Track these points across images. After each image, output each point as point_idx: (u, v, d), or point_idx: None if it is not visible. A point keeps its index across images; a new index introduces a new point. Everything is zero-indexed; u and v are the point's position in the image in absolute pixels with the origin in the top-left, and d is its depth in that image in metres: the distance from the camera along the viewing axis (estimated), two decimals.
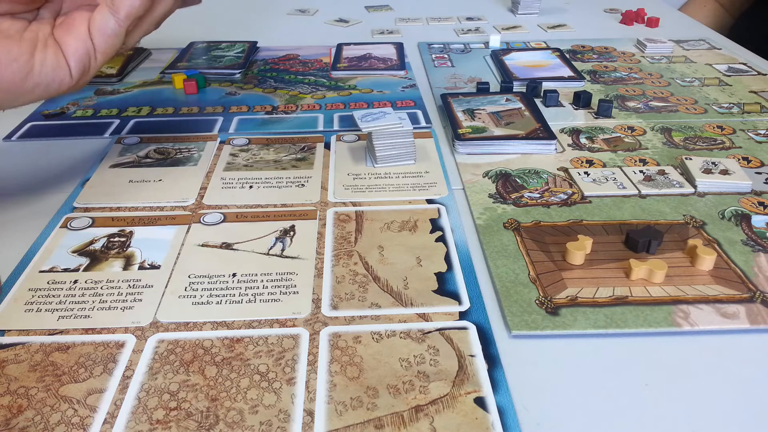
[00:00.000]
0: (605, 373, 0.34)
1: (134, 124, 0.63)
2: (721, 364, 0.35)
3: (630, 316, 0.38)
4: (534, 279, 0.41)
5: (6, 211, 0.49)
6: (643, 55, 0.82)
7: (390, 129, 0.53)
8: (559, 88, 0.69)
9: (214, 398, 0.33)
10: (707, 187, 0.51)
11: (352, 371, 0.34)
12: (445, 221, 0.47)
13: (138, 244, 0.45)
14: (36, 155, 0.58)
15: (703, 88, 0.71)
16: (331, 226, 0.46)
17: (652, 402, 0.33)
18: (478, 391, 0.33)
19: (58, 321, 0.38)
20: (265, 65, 0.80)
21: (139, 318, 0.38)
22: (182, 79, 0.71)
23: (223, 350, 0.36)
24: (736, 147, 0.58)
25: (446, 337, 0.36)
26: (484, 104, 0.64)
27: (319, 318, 0.38)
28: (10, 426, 0.31)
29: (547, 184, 0.52)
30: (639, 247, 0.43)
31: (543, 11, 1.02)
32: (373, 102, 0.68)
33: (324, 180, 0.53)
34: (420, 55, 0.83)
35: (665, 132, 0.61)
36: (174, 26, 0.61)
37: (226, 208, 0.49)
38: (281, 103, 0.68)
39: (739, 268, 0.42)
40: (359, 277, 0.41)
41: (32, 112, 0.66)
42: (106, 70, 0.76)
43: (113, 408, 0.32)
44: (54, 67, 0.42)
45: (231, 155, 0.57)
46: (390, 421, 0.31)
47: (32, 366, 0.35)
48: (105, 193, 0.51)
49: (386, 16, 1.03)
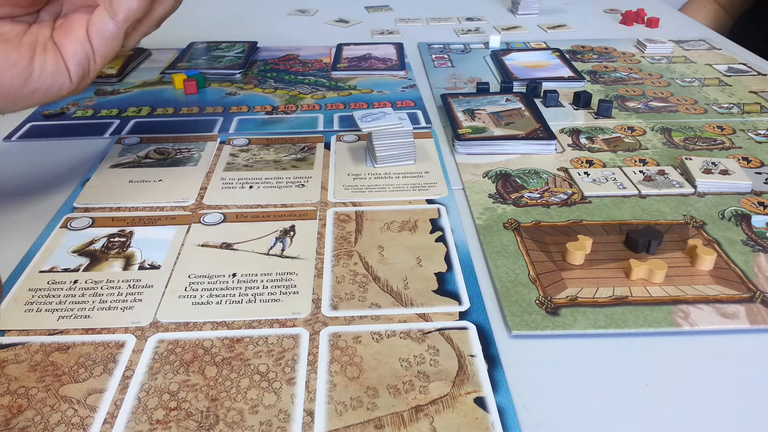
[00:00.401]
0: (605, 373, 0.34)
1: (134, 124, 0.63)
2: (721, 364, 0.35)
3: (630, 316, 0.38)
4: (534, 279, 0.41)
5: (6, 211, 0.49)
6: (643, 56, 0.82)
7: (390, 129, 0.53)
8: (559, 89, 0.69)
9: (214, 398, 0.33)
10: (707, 187, 0.51)
11: (352, 371, 0.34)
12: (445, 221, 0.47)
13: (138, 244, 0.45)
14: (36, 155, 0.58)
15: (703, 88, 0.71)
16: (331, 226, 0.46)
17: (652, 402, 0.33)
18: (478, 391, 0.33)
19: (58, 321, 0.38)
20: (265, 65, 0.80)
21: (139, 318, 0.38)
22: (182, 79, 0.71)
23: (223, 350, 0.36)
24: (736, 147, 0.58)
25: (446, 337, 0.36)
26: (484, 104, 0.64)
27: (319, 318, 0.38)
28: (10, 426, 0.31)
29: (547, 184, 0.52)
30: (639, 247, 0.43)
31: (543, 11, 1.02)
32: (373, 102, 0.68)
33: (324, 180, 0.53)
34: (420, 56, 0.83)
35: (665, 132, 0.61)
36: (174, 26, 0.61)
37: (226, 208, 0.49)
38: (281, 103, 0.68)
39: (739, 268, 0.42)
40: (359, 277, 0.41)
41: (32, 113, 0.66)
42: (106, 70, 0.76)
43: (113, 408, 0.32)
44: (54, 71, 0.42)
45: (231, 155, 0.57)
46: (390, 421, 0.31)
47: (32, 366, 0.35)
48: (105, 193, 0.51)
49: (386, 17, 1.03)
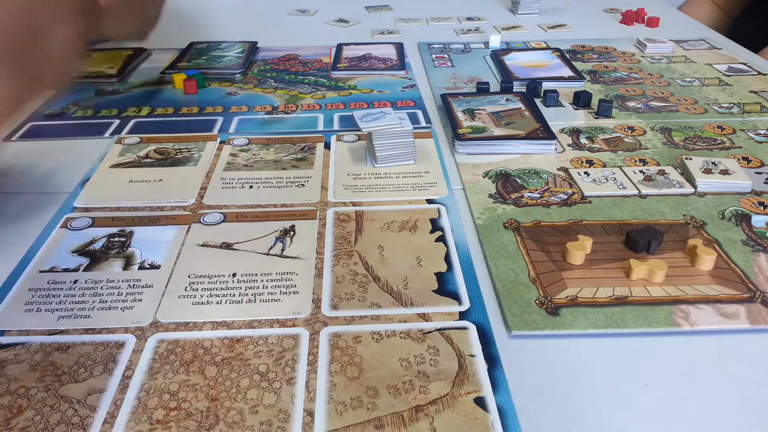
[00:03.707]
0: (605, 373, 0.34)
1: (134, 124, 0.63)
2: (721, 364, 0.35)
3: (630, 316, 0.38)
4: (534, 279, 0.41)
5: (6, 211, 0.49)
6: (643, 55, 0.82)
7: (390, 129, 0.53)
8: (559, 88, 0.69)
9: (214, 398, 0.33)
10: (707, 187, 0.51)
11: (352, 371, 0.34)
12: (445, 221, 0.47)
13: (138, 244, 0.45)
14: (36, 155, 0.58)
15: (703, 88, 0.71)
16: (331, 226, 0.46)
17: (652, 402, 0.33)
18: (478, 391, 0.33)
19: (58, 321, 0.38)
20: (265, 65, 0.80)
21: (139, 318, 0.38)
22: (182, 79, 0.71)
23: (223, 350, 0.36)
24: (736, 147, 0.58)
25: (446, 337, 0.36)
26: (484, 104, 0.64)
27: (319, 318, 0.38)
28: (10, 426, 0.31)
29: (547, 184, 0.52)
30: (639, 247, 0.43)
31: (543, 11, 1.02)
32: (373, 102, 0.68)
33: (324, 180, 0.53)
34: (420, 55, 0.83)
35: (665, 132, 0.61)
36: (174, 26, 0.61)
37: (226, 208, 0.49)
38: (281, 103, 0.68)
39: (739, 268, 0.42)
40: (359, 277, 0.41)
41: (32, 113, 0.66)
42: (106, 70, 0.76)
43: (113, 408, 0.32)
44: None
45: (231, 155, 0.57)
46: (390, 421, 0.31)
47: (32, 366, 0.35)
48: (105, 193, 0.51)
49: (386, 17, 1.03)
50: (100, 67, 0.77)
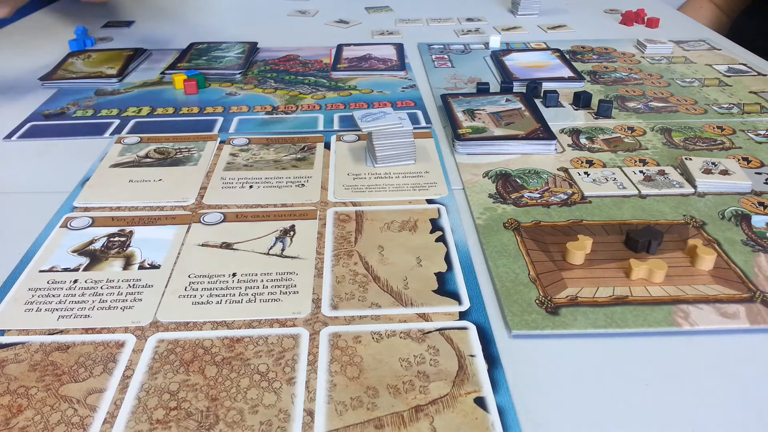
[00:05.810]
0: (605, 373, 0.34)
1: (134, 124, 0.63)
2: (721, 364, 0.35)
3: (630, 316, 0.38)
4: (534, 279, 0.41)
5: (6, 211, 0.49)
6: (643, 56, 0.82)
7: (390, 129, 0.53)
8: (559, 89, 0.69)
9: (214, 398, 0.32)
10: (707, 187, 0.51)
11: (352, 371, 0.34)
12: (445, 221, 0.47)
13: (138, 243, 0.45)
14: (36, 155, 0.58)
15: (703, 88, 0.71)
16: (331, 226, 0.46)
17: (652, 402, 0.33)
18: (478, 391, 0.33)
19: (58, 321, 0.38)
20: (266, 66, 0.80)
21: (139, 318, 0.38)
22: (182, 79, 0.71)
23: (223, 350, 0.35)
24: (736, 147, 0.58)
25: (446, 337, 0.36)
26: (484, 104, 0.64)
27: (319, 318, 0.38)
28: (10, 426, 0.31)
29: (547, 184, 0.52)
30: (639, 247, 0.43)
31: (543, 12, 1.02)
32: (373, 102, 0.68)
33: (324, 180, 0.53)
34: (420, 56, 0.83)
35: (665, 132, 0.61)
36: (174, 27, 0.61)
37: (226, 207, 0.49)
38: (281, 103, 0.68)
39: (739, 268, 0.42)
40: (359, 277, 0.41)
41: (32, 113, 0.67)
42: (106, 70, 0.76)
43: (113, 408, 0.32)
44: None
45: (231, 155, 0.57)
46: (390, 421, 0.31)
47: (32, 366, 0.35)
48: (105, 193, 0.51)
49: (386, 17, 1.03)
50: (100, 67, 0.77)
